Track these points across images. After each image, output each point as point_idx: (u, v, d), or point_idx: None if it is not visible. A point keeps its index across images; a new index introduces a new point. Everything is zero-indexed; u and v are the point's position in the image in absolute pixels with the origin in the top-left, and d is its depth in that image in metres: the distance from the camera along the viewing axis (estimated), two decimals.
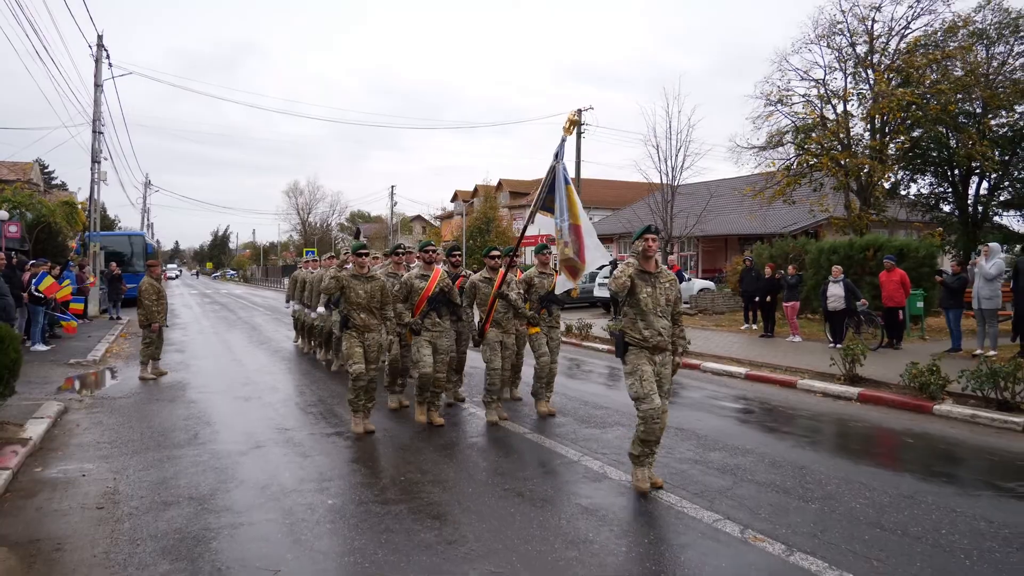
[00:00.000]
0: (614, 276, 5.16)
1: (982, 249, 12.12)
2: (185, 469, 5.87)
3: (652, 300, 5.19)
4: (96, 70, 21.15)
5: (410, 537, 4.38)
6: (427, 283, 7.33)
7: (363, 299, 7.00)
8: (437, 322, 7.35)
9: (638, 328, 5.21)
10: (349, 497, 5.17)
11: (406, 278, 7.48)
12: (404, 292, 7.38)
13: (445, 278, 7.54)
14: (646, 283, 5.21)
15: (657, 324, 5.18)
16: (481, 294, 7.75)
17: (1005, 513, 4.88)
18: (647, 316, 5.18)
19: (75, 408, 8.33)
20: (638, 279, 5.19)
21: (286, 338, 16.70)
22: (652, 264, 5.29)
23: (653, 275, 5.26)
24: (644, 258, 5.26)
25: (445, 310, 7.47)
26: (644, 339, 5.18)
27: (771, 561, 4.06)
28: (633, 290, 5.18)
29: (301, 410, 8.31)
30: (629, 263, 5.21)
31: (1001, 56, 24.85)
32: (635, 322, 5.23)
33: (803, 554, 4.14)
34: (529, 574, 3.86)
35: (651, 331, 5.17)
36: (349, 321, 7.03)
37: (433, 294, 7.32)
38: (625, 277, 5.11)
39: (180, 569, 3.92)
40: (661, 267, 5.36)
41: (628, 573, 3.90)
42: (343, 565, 4.01)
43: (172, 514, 4.79)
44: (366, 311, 7.04)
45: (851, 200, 23.48)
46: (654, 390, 5.12)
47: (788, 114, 24.63)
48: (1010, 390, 8.05)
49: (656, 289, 5.23)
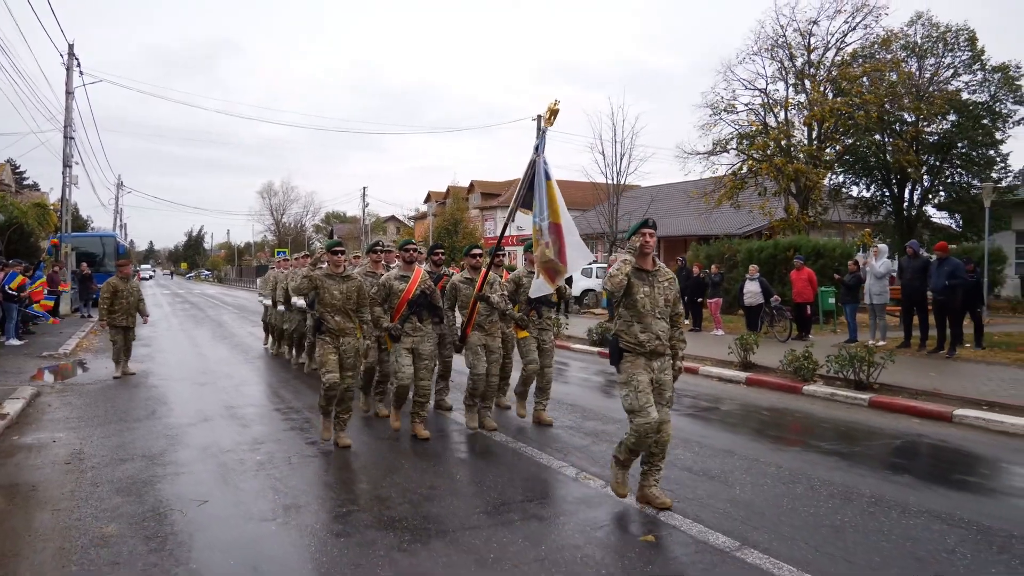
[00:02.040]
0: (610, 274, 4.81)
1: (872, 250, 13.49)
2: (141, 436, 6.97)
3: (650, 301, 4.81)
4: (67, 78, 22.01)
5: (327, 472, 5.53)
6: (407, 284, 6.81)
7: (338, 300, 6.47)
8: (418, 326, 6.83)
9: (634, 332, 4.82)
10: (278, 454, 6.29)
11: (384, 279, 6.92)
12: (382, 294, 6.82)
13: (427, 279, 6.99)
14: (643, 282, 4.84)
15: (655, 327, 4.81)
16: (463, 296, 7.27)
17: (816, 468, 6.09)
18: (644, 318, 4.80)
19: (47, 392, 9.36)
20: (635, 278, 4.82)
21: (249, 334, 17.72)
22: (649, 261, 4.92)
23: (651, 273, 4.89)
24: (641, 255, 4.87)
25: (427, 314, 6.90)
26: (640, 343, 4.80)
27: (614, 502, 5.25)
28: (629, 290, 4.81)
29: (250, 393, 9.41)
30: (626, 260, 4.81)
31: (933, 68, 26.51)
32: (631, 325, 4.84)
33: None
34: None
35: (648, 334, 4.79)
36: (323, 324, 6.50)
37: (414, 296, 6.78)
38: (622, 275, 4.74)
39: (129, 501, 5.04)
40: (659, 264, 5.00)
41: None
42: (259, 495, 5.16)
43: (127, 467, 5.90)
44: (341, 314, 6.50)
45: (790, 203, 24.92)
46: (650, 402, 4.75)
47: (731, 122, 26.09)
48: (865, 372, 9.36)
49: (654, 288, 4.86)
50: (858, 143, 25.09)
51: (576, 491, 5.39)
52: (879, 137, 25.89)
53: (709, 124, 26.29)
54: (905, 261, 12.66)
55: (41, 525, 4.61)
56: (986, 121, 26.09)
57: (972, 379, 9.74)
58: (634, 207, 28.47)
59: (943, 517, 4.77)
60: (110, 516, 4.75)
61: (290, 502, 5.04)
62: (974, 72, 26.34)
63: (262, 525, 4.62)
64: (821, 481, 5.56)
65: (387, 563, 4.01)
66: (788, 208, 24.85)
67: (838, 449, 6.71)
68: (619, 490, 5.01)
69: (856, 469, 5.97)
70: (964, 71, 26.55)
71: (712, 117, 26.13)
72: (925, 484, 5.59)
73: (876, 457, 6.50)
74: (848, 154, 25.97)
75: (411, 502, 5.01)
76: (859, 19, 24.89)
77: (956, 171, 27.16)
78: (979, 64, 26.20)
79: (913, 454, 6.74)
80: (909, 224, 26.87)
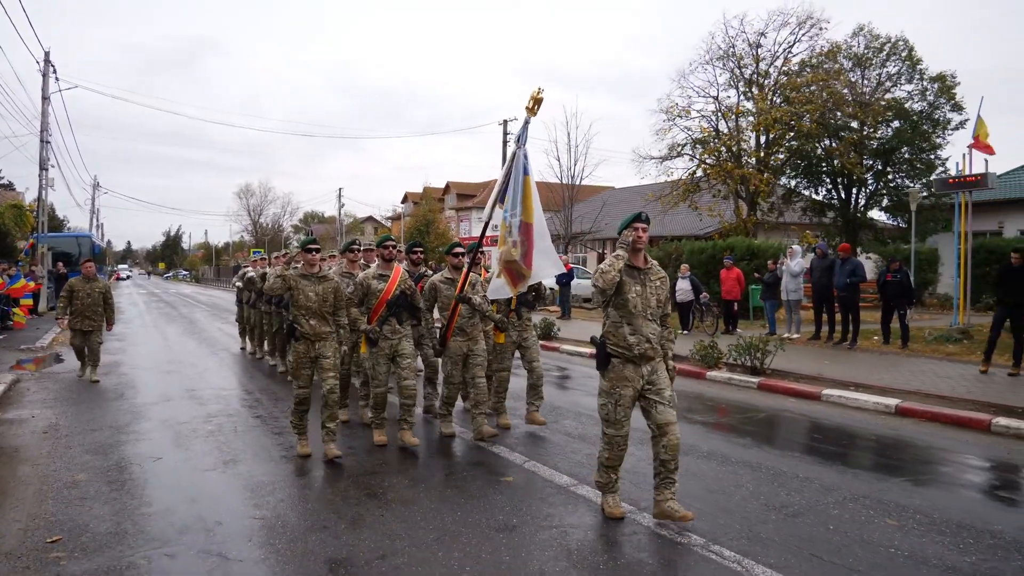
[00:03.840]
0: (601, 270, 4.48)
1: (787, 251, 14.76)
2: (110, 413, 8.02)
3: (642, 301, 4.55)
4: (43, 84, 22.85)
5: (266, 436, 6.63)
6: (386, 284, 6.42)
7: (313, 303, 6.07)
8: (397, 329, 6.45)
9: (623, 334, 4.55)
10: (227, 425, 7.37)
11: (361, 278, 6.55)
12: (360, 294, 6.45)
13: (407, 279, 6.62)
14: (635, 280, 4.58)
15: (645, 329, 4.54)
16: (443, 297, 6.84)
17: (696, 438, 7.26)
18: (635, 319, 4.53)
19: (26, 379, 10.35)
20: (626, 275, 4.54)
21: (218, 330, 18.69)
22: (641, 258, 4.64)
23: (643, 271, 4.63)
24: (633, 251, 4.57)
25: (406, 315, 6.54)
26: (629, 347, 4.53)
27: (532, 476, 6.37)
28: (620, 288, 4.53)
29: (211, 379, 10.45)
30: (619, 255, 4.50)
31: (877, 77, 28.01)
32: (620, 327, 4.57)
33: (535, 462, 6.46)
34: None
35: (638, 337, 4.53)
36: (297, 329, 6.10)
37: (393, 297, 6.41)
38: (615, 272, 4.43)
39: (97, 459, 6.10)
40: (651, 262, 4.73)
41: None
42: (205, 454, 6.25)
43: (96, 435, 6.95)
44: (317, 316, 6.09)
45: (739, 206, 26.26)
46: (628, 417, 4.61)
47: (684, 128, 27.39)
48: (759, 359, 10.58)
49: (646, 288, 4.60)
50: (802, 148, 26.44)
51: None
52: (828, 142, 27.30)
53: (664, 129, 27.60)
54: (815, 261, 13.92)
55: (23, 474, 5.67)
56: (926, 128, 27.58)
57: (856, 366, 11.01)
58: (587, 209, 29.76)
59: (753, 466, 5.98)
60: (80, 468, 5.82)
61: (230, 458, 6.14)
62: (914, 81, 27.88)
63: (204, 474, 5.72)
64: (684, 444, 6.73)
65: (303, 493, 5.13)
66: (737, 211, 26.18)
67: (707, 420, 7.92)
68: (613, 512, 4.70)
69: (713, 434, 7.19)
70: (905, 80, 28.10)
71: (667, 123, 27.43)
72: (757, 444, 6.81)
73: (734, 426, 7.71)
74: (797, 159, 27.34)
75: (355, 460, 6.12)
76: (803, 32, 26.34)
77: (899, 176, 28.63)
78: (918, 74, 27.74)
79: (766, 423, 7.95)
80: (855, 226, 28.32)
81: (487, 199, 46.37)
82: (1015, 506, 5.27)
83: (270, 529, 4.51)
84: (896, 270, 12.83)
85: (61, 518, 4.68)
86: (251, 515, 4.77)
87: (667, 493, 4.54)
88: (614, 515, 4.68)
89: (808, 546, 4.22)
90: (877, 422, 7.86)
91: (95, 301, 10.21)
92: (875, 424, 7.76)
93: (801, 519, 4.70)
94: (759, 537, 4.36)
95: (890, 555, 4.15)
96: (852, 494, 5.25)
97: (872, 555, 4.13)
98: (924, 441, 7.05)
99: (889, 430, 7.49)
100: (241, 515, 4.78)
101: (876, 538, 4.40)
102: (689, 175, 27.25)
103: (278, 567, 3.96)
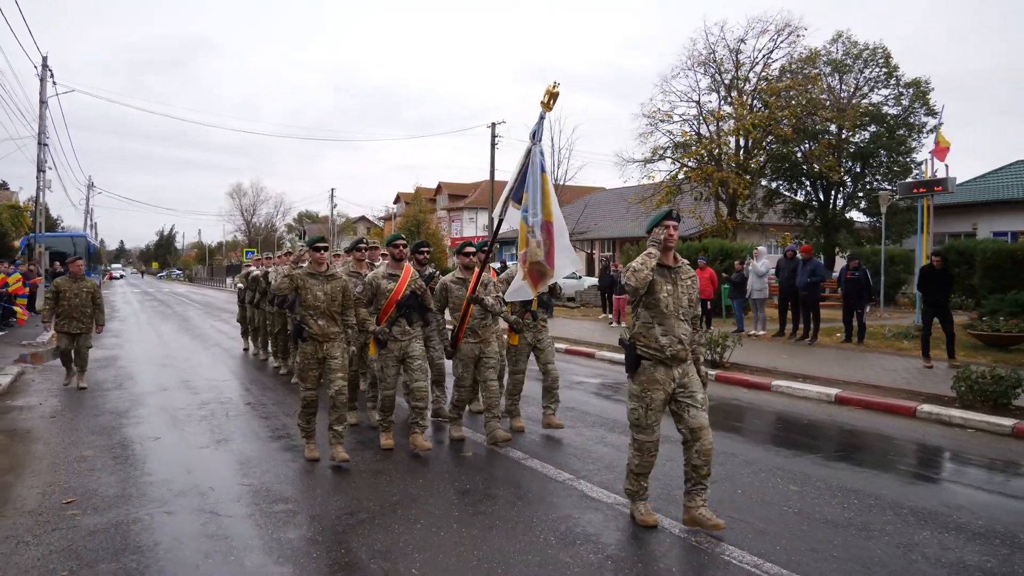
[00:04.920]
0: (633, 269, 4.37)
1: (754, 251, 15.52)
2: (111, 400, 8.70)
3: (673, 301, 4.45)
4: (41, 89, 23.48)
5: (255, 419, 7.33)
6: (396, 284, 6.31)
7: (322, 302, 5.94)
8: (407, 330, 6.33)
9: (654, 335, 4.44)
10: (219, 411, 8.06)
11: (371, 277, 6.42)
12: (369, 294, 6.35)
13: (417, 278, 6.51)
14: (666, 280, 4.48)
15: (677, 330, 4.44)
16: (454, 298, 6.76)
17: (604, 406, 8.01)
18: (666, 320, 4.43)
19: (30, 371, 11.02)
20: (657, 274, 4.45)
21: (211, 327, 19.35)
22: (672, 257, 4.55)
23: (673, 270, 4.53)
24: (664, 249, 4.48)
25: (416, 316, 6.42)
26: (660, 348, 4.43)
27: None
28: (651, 288, 4.43)
29: (204, 372, 11.14)
30: (651, 253, 4.40)
31: (855, 83, 28.85)
32: (650, 328, 4.46)
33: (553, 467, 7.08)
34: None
35: (670, 338, 4.42)
36: (304, 330, 5.96)
37: (403, 297, 6.29)
38: (647, 270, 4.34)
39: (102, 438, 6.79)
40: (681, 261, 4.63)
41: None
42: (199, 434, 6.95)
43: (100, 419, 7.64)
44: (325, 317, 5.97)
45: (719, 208, 27.05)
46: (658, 422, 4.52)
47: (666, 132, 28.17)
48: (719, 353, 11.32)
49: (677, 287, 4.49)
50: (779, 152, 27.23)
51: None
52: (807, 145, 28.09)
53: (647, 133, 28.38)
54: (783, 262, 14.66)
55: (36, 451, 6.37)
56: (901, 132, 28.42)
57: (811, 360, 11.76)
58: (574, 211, 30.51)
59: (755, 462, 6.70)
60: (87, 446, 6.51)
61: (221, 438, 6.85)
62: (890, 86, 28.73)
63: (198, 451, 6.43)
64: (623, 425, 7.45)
65: (289, 467, 5.84)
66: (717, 213, 26.96)
67: None
68: (646, 520, 4.59)
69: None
70: (881, 86, 28.95)
71: (649, 127, 28.21)
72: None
73: None
74: (777, 162, 28.13)
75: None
76: (782, 38, 27.15)
77: (877, 178, 29.45)
78: (894, 79, 28.59)
79: (713, 411, 8.65)
80: (834, 227, 29.14)
81: (479, 200, 46.62)
82: (903, 476, 5.99)
83: (256, 493, 5.21)
84: (855, 268, 13.56)
85: (73, 484, 5.38)
86: (240, 483, 5.48)
87: (698, 500, 4.47)
88: (647, 523, 4.57)
89: (716, 504, 4.95)
90: (817, 410, 8.60)
91: (83, 302, 9.52)
92: (814, 411, 8.50)
93: (717, 485, 5.41)
94: (674, 498, 5.07)
95: (783, 512, 4.89)
96: (768, 467, 5.99)
97: (768, 512, 4.87)
98: (851, 425, 7.80)
99: (824, 416, 8.23)
100: (231, 483, 5.48)
101: (776, 500, 5.14)
102: (671, 178, 28.04)
103: (262, 520, 4.66)
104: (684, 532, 4.52)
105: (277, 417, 7.77)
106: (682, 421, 4.53)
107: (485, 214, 51.26)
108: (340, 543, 4.31)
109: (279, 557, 4.09)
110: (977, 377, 8.04)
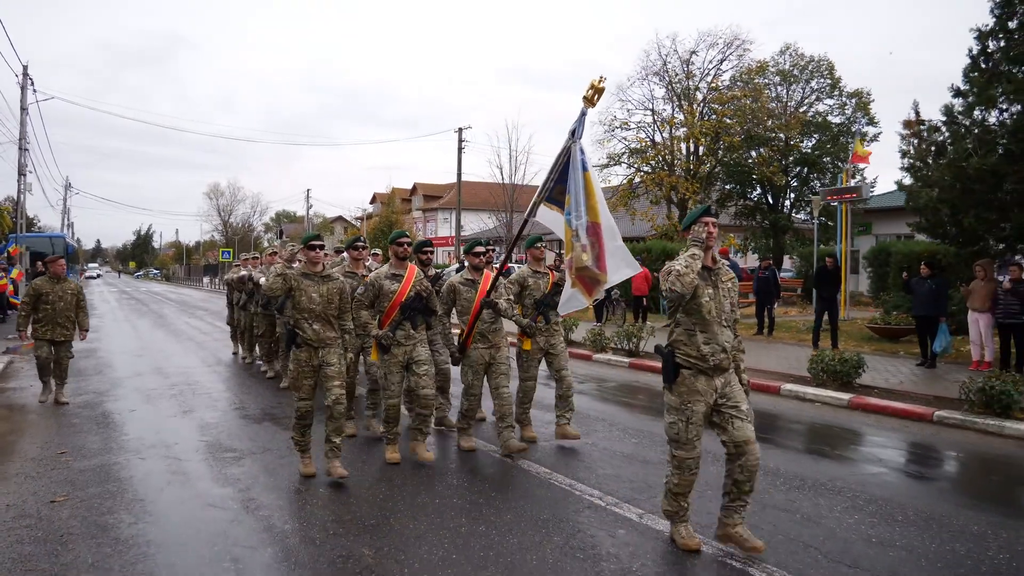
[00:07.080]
0: (677, 272, 3.98)
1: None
2: (93, 383, 10.03)
3: (715, 305, 4.11)
4: (22, 96, 24.58)
5: (218, 395, 8.71)
6: (400, 285, 5.96)
7: (317, 305, 5.53)
8: (411, 334, 5.98)
9: (696, 343, 4.11)
10: (187, 391, 9.42)
11: (373, 278, 6.05)
12: (371, 295, 5.98)
13: (422, 279, 6.11)
14: (707, 282, 4.13)
15: (721, 337, 4.11)
16: (463, 300, 6.39)
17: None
18: (709, 326, 4.10)
19: (18, 360, 12.31)
20: (699, 277, 4.08)
21: (186, 323, 20.61)
22: (710, 258, 4.20)
23: (713, 272, 4.18)
24: (704, 248, 4.12)
25: (421, 319, 6.06)
26: (703, 357, 4.10)
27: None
28: (693, 292, 4.06)
29: (177, 361, 12.46)
30: (695, 254, 4.04)
31: (801, 93, 30.63)
32: (692, 335, 4.13)
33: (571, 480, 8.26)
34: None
35: (713, 346, 4.10)
36: (298, 335, 5.55)
37: (407, 299, 5.95)
38: (693, 273, 3.98)
39: (86, 411, 8.13)
40: (720, 262, 4.28)
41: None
42: (169, 407, 8.33)
43: (83, 397, 8.97)
44: (321, 320, 5.55)
45: (670, 212, 28.64)
46: (699, 436, 4.18)
47: (622, 139, 29.74)
48: (635, 344, 12.83)
49: (719, 290, 4.15)
50: (729, 158, 28.88)
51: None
52: (757, 152, 29.75)
53: (603, 139, 29.92)
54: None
55: (32, 420, 7.73)
56: (843, 139, 30.18)
57: None
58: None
59: (581, 414, 8.17)
60: (74, 416, 7.87)
61: (187, 409, 8.25)
62: (834, 97, 30.54)
63: (167, 419, 7.82)
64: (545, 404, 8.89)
65: (242, 429, 7.24)
66: (668, 216, 28.56)
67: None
68: (688, 544, 4.23)
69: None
70: (827, 96, 30.76)
71: (606, 134, 29.75)
72: (602, 400, 9.00)
73: (592, 393, 9.89)
74: (728, 167, 29.78)
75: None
76: (731, 51, 28.82)
77: (823, 183, 31.21)
78: (837, 90, 30.41)
79: (616, 390, 10.16)
80: (781, 230, 30.85)
81: (453, 200, 47.70)
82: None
83: (211, 446, 6.62)
84: (766, 268, 15.14)
85: (66, 441, 6.76)
86: (199, 439, 6.88)
87: (737, 517, 4.18)
88: (688, 547, 4.21)
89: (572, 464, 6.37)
90: None
91: (67, 305, 8.54)
92: None
93: (584, 443, 6.87)
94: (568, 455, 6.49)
95: (594, 451, 6.34)
96: (635, 430, 7.47)
97: (604, 463, 6.32)
98: None
99: None
100: (192, 439, 6.88)
101: (622, 450, 6.59)
102: (627, 182, 29.60)
103: (213, 463, 6.07)
104: (715, 548, 4.28)
105: (235, 393, 9.15)
106: (726, 433, 4.19)
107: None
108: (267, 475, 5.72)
109: (223, 484, 5.51)
110: (828, 361, 9.59)
